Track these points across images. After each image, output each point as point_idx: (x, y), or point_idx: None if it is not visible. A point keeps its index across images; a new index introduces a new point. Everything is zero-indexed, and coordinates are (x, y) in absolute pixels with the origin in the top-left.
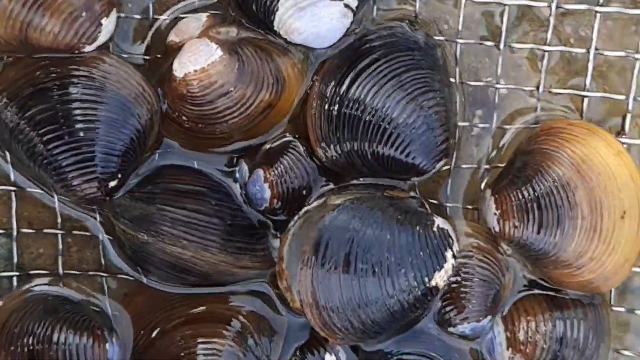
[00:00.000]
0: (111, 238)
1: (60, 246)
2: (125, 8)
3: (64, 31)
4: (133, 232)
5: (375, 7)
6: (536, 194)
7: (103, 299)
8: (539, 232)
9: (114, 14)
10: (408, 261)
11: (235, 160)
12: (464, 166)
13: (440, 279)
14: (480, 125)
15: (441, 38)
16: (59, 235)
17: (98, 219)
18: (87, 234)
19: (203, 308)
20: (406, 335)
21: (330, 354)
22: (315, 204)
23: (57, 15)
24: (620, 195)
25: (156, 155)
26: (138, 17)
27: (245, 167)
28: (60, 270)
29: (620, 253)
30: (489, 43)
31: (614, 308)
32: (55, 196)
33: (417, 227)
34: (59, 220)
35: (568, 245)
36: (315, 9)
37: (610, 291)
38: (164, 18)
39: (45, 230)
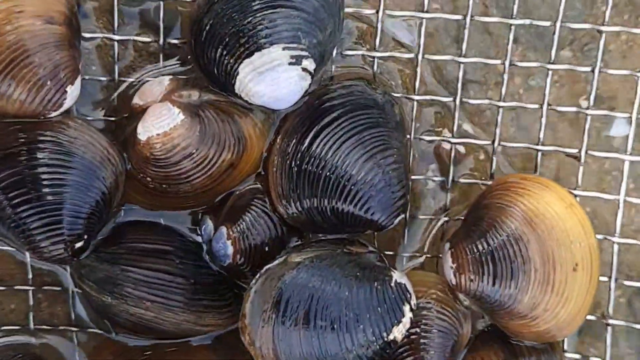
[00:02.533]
0: (80, 291)
1: (32, 302)
2: (89, 70)
3: (30, 99)
4: (97, 294)
5: (333, 66)
6: (490, 248)
7: (73, 353)
8: (493, 285)
9: (78, 81)
10: (366, 317)
11: (200, 217)
12: (422, 217)
13: (398, 332)
14: (436, 179)
15: (398, 95)
16: (30, 292)
17: (69, 271)
18: (58, 289)
19: (173, 357)
20: None
21: None
22: (276, 262)
23: (23, 84)
24: (572, 248)
25: (122, 212)
26: (103, 79)
27: (209, 224)
28: (32, 326)
29: (573, 304)
30: (445, 99)
31: (567, 354)
32: (27, 253)
33: (375, 283)
34: (30, 276)
35: (522, 297)
36: (274, 73)
37: (564, 340)
38: (131, 80)
39: (17, 287)
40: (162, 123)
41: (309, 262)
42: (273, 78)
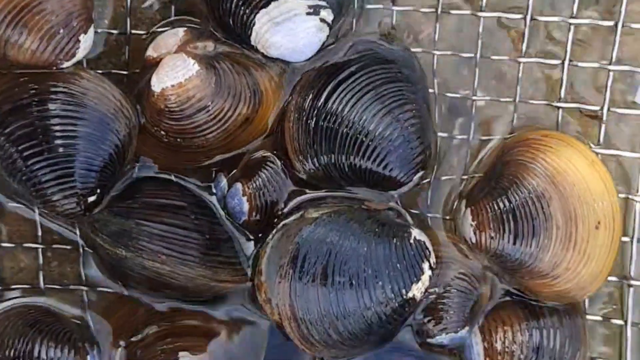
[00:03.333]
0: (91, 251)
1: (41, 260)
2: (102, 23)
3: (42, 48)
4: (111, 247)
5: (353, 21)
6: (511, 205)
7: (84, 311)
8: (514, 243)
9: (91, 30)
10: (385, 273)
11: (213, 174)
12: (444, 178)
13: (417, 290)
14: (459, 137)
15: (418, 50)
16: (39, 250)
17: (78, 232)
18: (67, 247)
19: (184, 321)
20: (385, 348)
21: None
22: (293, 217)
23: (35, 32)
24: (594, 205)
25: (136, 168)
26: (115, 31)
27: (223, 180)
28: (42, 285)
29: (595, 262)
30: (466, 55)
31: (588, 316)
32: (36, 210)
33: (394, 239)
34: (40, 233)
35: (544, 256)
36: (291, 23)
37: (585, 299)
38: (142, 33)
39: (25, 245)
40: (176, 74)
41: (327, 217)
42: (290, 28)
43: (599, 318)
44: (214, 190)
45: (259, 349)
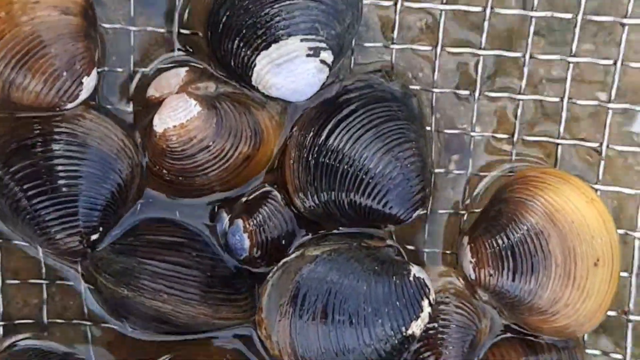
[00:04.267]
0: (92, 288)
1: (45, 295)
2: (109, 61)
3: (45, 90)
4: (114, 286)
5: (352, 59)
6: (510, 243)
7: (87, 348)
8: (513, 280)
9: (94, 73)
10: (385, 311)
11: (215, 210)
12: (441, 211)
13: (416, 327)
14: (456, 172)
15: (417, 87)
16: (44, 285)
17: (80, 270)
18: (71, 283)
19: (188, 354)
20: None
21: None
22: (293, 255)
23: (39, 75)
24: (593, 243)
25: (138, 206)
26: (119, 70)
27: (225, 217)
28: (45, 320)
29: (594, 299)
30: (464, 92)
31: (588, 351)
32: (39, 248)
33: (394, 277)
34: (44, 270)
35: (543, 292)
36: (292, 65)
37: (584, 335)
38: (145, 70)
39: (30, 281)
40: (178, 115)
41: (327, 255)
42: (290, 70)
43: (598, 352)
44: (217, 227)
45: None
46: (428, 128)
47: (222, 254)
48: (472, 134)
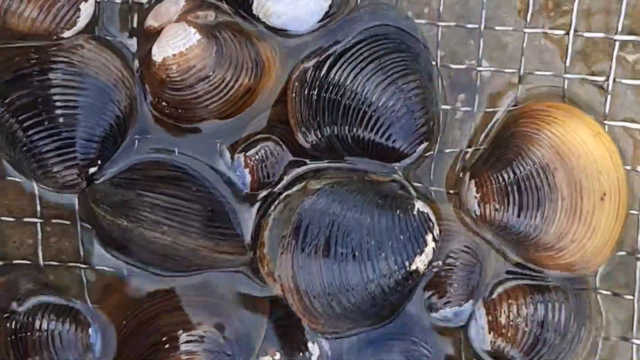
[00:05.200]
0: (91, 223)
1: (40, 236)
2: None
3: (42, 16)
4: (112, 217)
5: None
6: (516, 177)
7: (82, 292)
8: (519, 215)
9: None
10: (388, 245)
11: (218, 146)
12: (447, 151)
13: (420, 262)
14: (463, 109)
15: (422, 21)
16: (38, 224)
17: (77, 206)
18: (67, 222)
19: (185, 297)
20: (389, 333)
21: (313, 343)
22: (295, 188)
23: (35, 1)
24: (600, 177)
25: (136, 141)
26: (118, 1)
27: (227, 153)
28: (41, 262)
29: (601, 235)
30: (470, 26)
31: (600, 291)
32: (35, 183)
33: (397, 211)
34: (38, 208)
35: (549, 228)
36: None
37: (596, 275)
38: (144, 1)
39: (25, 219)
40: (177, 43)
41: (329, 187)
42: None
43: (608, 293)
44: (219, 162)
45: (261, 322)
46: (433, 63)
47: (224, 190)
48: (479, 68)
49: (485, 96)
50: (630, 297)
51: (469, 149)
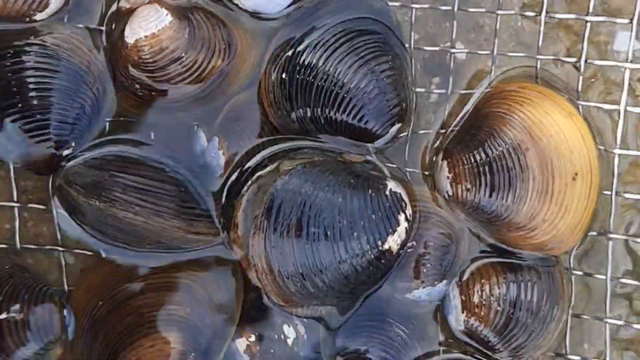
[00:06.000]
0: (66, 210)
1: (17, 220)
2: None
3: None
4: (85, 198)
5: None
6: (488, 158)
7: (60, 274)
8: (490, 195)
9: None
10: (360, 225)
11: (195, 128)
12: (421, 132)
13: (393, 242)
14: (437, 92)
15: (396, 4)
16: (15, 209)
17: (50, 186)
18: (43, 207)
19: (161, 278)
20: (366, 303)
21: (289, 326)
22: (267, 169)
23: None
24: (571, 157)
25: (108, 124)
26: None
27: (202, 135)
28: (18, 245)
29: (572, 215)
30: (444, 8)
31: (574, 272)
32: (11, 166)
33: (370, 191)
34: (15, 193)
35: (520, 208)
36: None
37: (570, 255)
38: None
39: (1, 204)
40: (149, 24)
41: (302, 167)
42: None
43: (580, 273)
44: (194, 144)
45: (237, 304)
46: (407, 45)
47: (197, 171)
48: (453, 50)
49: (460, 78)
50: (602, 276)
51: (442, 130)
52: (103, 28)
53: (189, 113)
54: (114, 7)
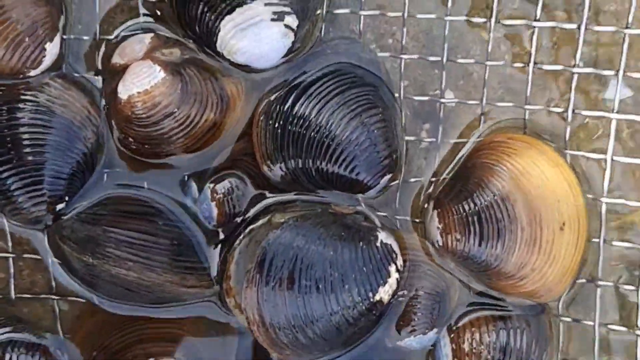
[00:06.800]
0: (60, 261)
1: (12, 270)
2: (75, 29)
3: (8, 56)
4: (78, 254)
5: (321, 26)
6: (477, 208)
7: (55, 320)
8: (480, 245)
9: (57, 38)
10: (351, 277)
11: (185, 178)
12: (412, 180)
13: (385, 293)
14: (427, 140)
15: (385, 54)
16: (10, 259)
17: (46, 241)
18: (38, 257)
19: (153, 329)
20: (357, 351)
21: None
22: (260, 222)
23: (1, 41)
24: (559, 207)
25: (105, 176)
26: (86, 38)
27: (194, 186)
28: (12, 295)
29: (561, 264)
30: (433, 58)
31: (562, 318)
32: (5, 219)
33: (360, 243)
34: (10, 244)
35: (509, 257)
36: (256, 29)
37: (558, 302)
38: (111, 38)
39: None
40: (142, 81)
41: (293, 221)
42: (255, 34)
43: (569, 320)
44: (186, 196)
45: (230, 350)
46: (396, 95)
47: (190, 224)
48: (442, 100)
49: (449, 125)
50: (590, 322)
51: (433, 179)
52: (97, 80)
53: (181, 164)
54: (104, 59)
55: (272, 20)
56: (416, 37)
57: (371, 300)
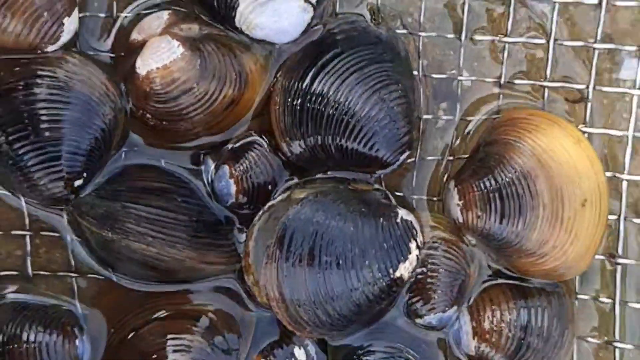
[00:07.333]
0: (79, 239)
1: (29, 247)
2: (90, 6)
3: (26, 31)
4: (98, 230)
5: (337, 1)
6: (498, 185)
7: (72, 299)
8: (501, 222)
9: (75, 13)
10: (372, 253)
11: (201, 157)
12: (429, 158)
13: (405, 270)
14: (445, 118)
15: (404, 31)
16: (27, 237)
17: (65, 219)
18: (56, 234)
19: (172, 306)
20: (374, 329)
21: (300, 348)
22: (279, 198)
23: (19, 16)
24: (580, 184)
25: (122, 154)
26: (102, 15)
27: (211, 163)
28: (30, 272)
29: (582, 241)
30: (451, 36)
31: (579, 295)
32: (22, 198)
33: (381, 219)
34: (27, 221)
35: (530, 234)
36: (275, 4)
37: (575, 278)
38: (126, 15)
39: (14, 232)
40: (161, 56)
41: (313, 197)
42: (274, 9)
43: (587, 297)
44: (203, 173)
45: (248, 330)
46: (415, 73)
47: (209, 201)
48: (460, 78)
49: (467, 104)
50: (609, 300)
51: (451, 157)
52: (114, 56)
53: (199, 141)
54: (122, 35)
55: None
56: (431, 19)
57: (391, 276)
